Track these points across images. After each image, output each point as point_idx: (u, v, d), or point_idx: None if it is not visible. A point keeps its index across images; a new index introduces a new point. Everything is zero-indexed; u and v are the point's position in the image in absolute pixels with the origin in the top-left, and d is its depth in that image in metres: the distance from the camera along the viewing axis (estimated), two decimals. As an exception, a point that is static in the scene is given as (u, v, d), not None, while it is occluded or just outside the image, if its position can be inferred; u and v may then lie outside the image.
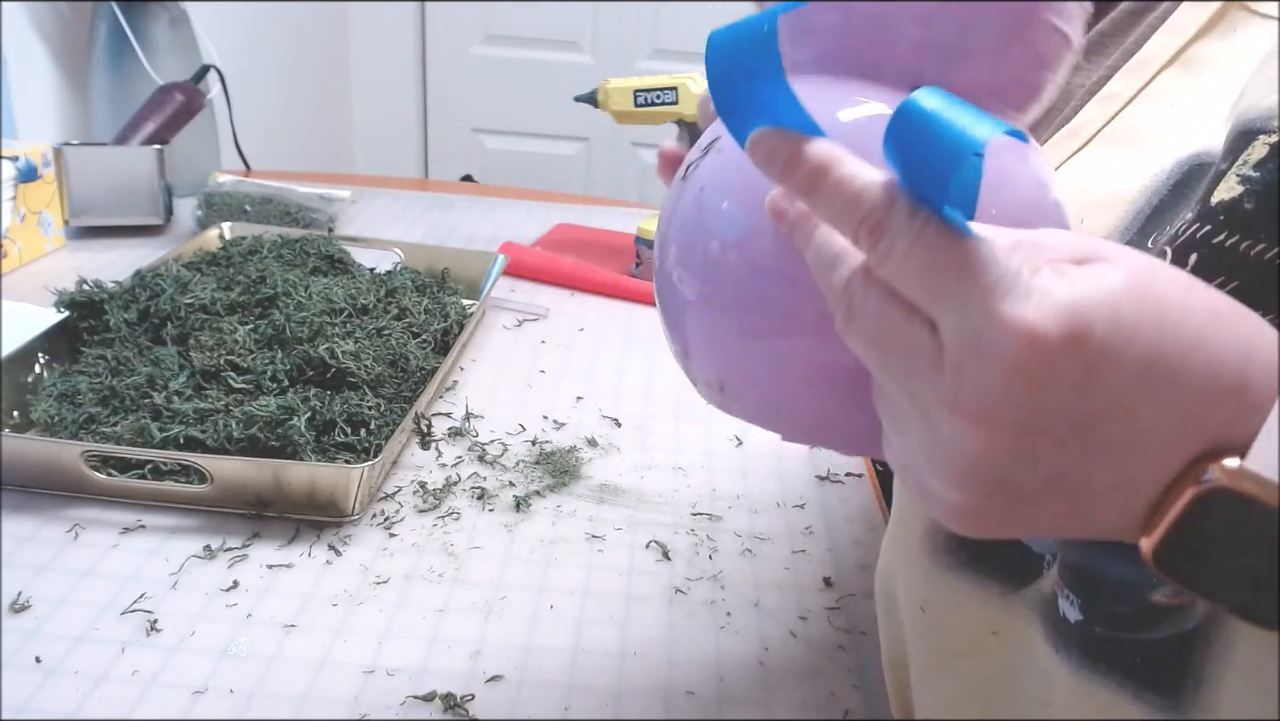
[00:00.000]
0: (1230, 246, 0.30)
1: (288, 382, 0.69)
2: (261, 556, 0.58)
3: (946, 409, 0.25)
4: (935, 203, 0.25)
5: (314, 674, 0.50)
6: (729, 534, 0.64)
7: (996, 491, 0.25)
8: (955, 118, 0.25)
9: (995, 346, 0.24)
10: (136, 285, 0.78)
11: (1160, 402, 0.24)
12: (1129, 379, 0.24)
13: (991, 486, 0.25)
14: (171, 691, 0.48)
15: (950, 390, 0.25)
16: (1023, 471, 0.25)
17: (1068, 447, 0.25)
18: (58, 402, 0.67)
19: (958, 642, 0.40)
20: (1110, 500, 0.26)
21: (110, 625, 0.52)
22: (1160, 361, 0.24)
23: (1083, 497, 0.26)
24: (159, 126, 1.11)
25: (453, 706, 0.49)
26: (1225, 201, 0.30)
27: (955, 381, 0.25)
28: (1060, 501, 0.26)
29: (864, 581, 0.61)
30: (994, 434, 0.25)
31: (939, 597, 0.41)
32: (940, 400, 0.25)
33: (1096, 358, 0.24)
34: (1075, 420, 0.24)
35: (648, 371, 0.86)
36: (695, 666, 0.53)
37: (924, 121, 0.26)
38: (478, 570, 0.59)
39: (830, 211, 0.28)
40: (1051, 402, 0.24)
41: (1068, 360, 0.24)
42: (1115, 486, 0.25)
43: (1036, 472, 0.25)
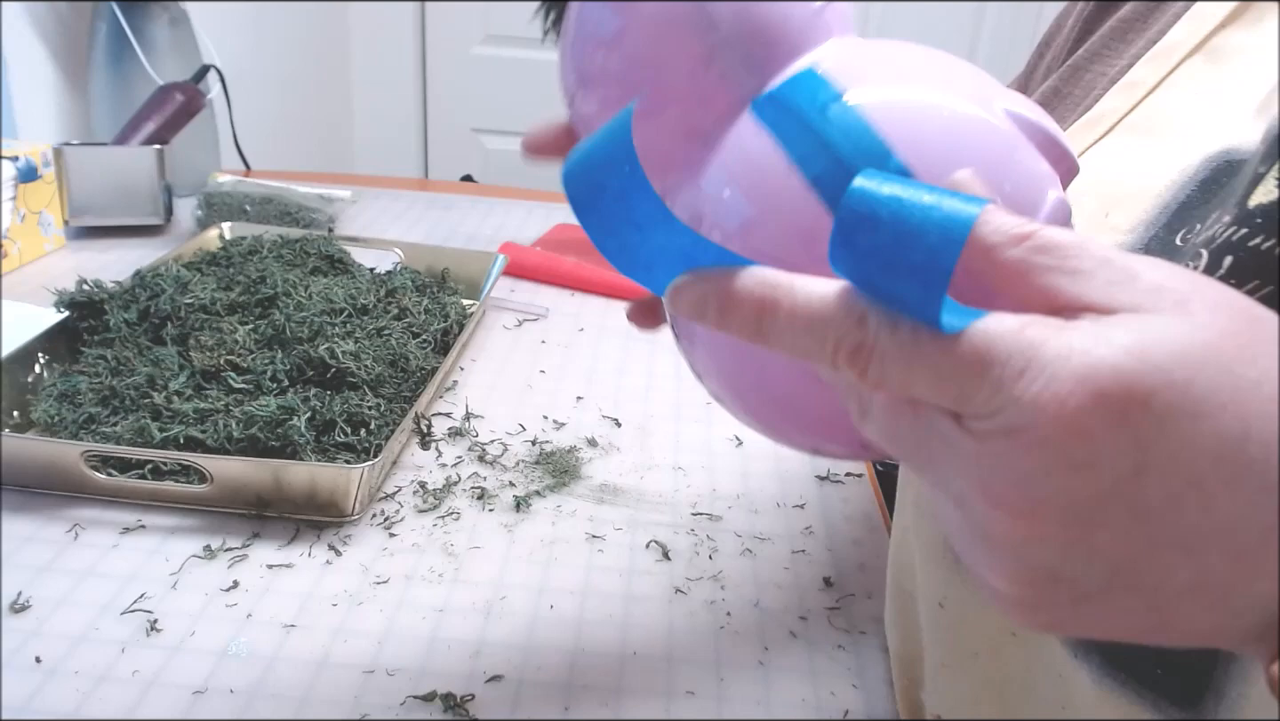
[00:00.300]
0: (1268, 250, 0.28)
1: (288, 382, 0.69)
2: (261, 556, 0.58)
3: (982, 499, 0.22)
4: (924, 308, 0.21)
5: (314, 674, 0.50)
6: (729, 534, 0.64)
7: (1049, 585, 0.22)
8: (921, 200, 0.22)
9: (1025, 431, 0.21)
10: (136, 285, 0.78)
11: (1249, 489, 0.20)
12: (1200, 460, 0.20)
13: (1045, 578, 0.22)
14: (171, 691, 0.48)
15: (984, 480, 0.22)
16: (1078, 565, 0.22)
17: (1128, 539, 0.21)
18: (58, 402, 0.67)
19: (976, 641, 0.40)
20: (1196, 602, 0.22)
21: (110, 625, 0.52)
22: (1246, 440, 0.20)
23: (1160, 597, 0.22)
24: (159, 126, 1.11)
25: (453, 706, 0.49)
26: (1264, 205, 0.29)
27: (989, 470, 0.22)
28: (1133, 599, 0.22)
29: (864, 581, 0.61)
30: (1036, 524, 0.21)
31: (960, 595, 0.40)
32: (975, 490, 0.22)
33: (1154, 431, 0.20)
34: (1134, 507, 0.21)
35: (648, 371, 0.86)
36: (695, 666, 0.53)
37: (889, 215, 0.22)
38: (478, 570, 0.59)
39: (793, 349, 0.24)
40: (1104, 487, 0.21)
41: (1113, 435, 0.20)
42: (1200, 586, 0.22)
43: (1095, 566, 0.22)
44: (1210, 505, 0.21)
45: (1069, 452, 0.20)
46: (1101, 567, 0.22)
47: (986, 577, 0.23)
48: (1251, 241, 0.29)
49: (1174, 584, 0.22)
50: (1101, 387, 0.20)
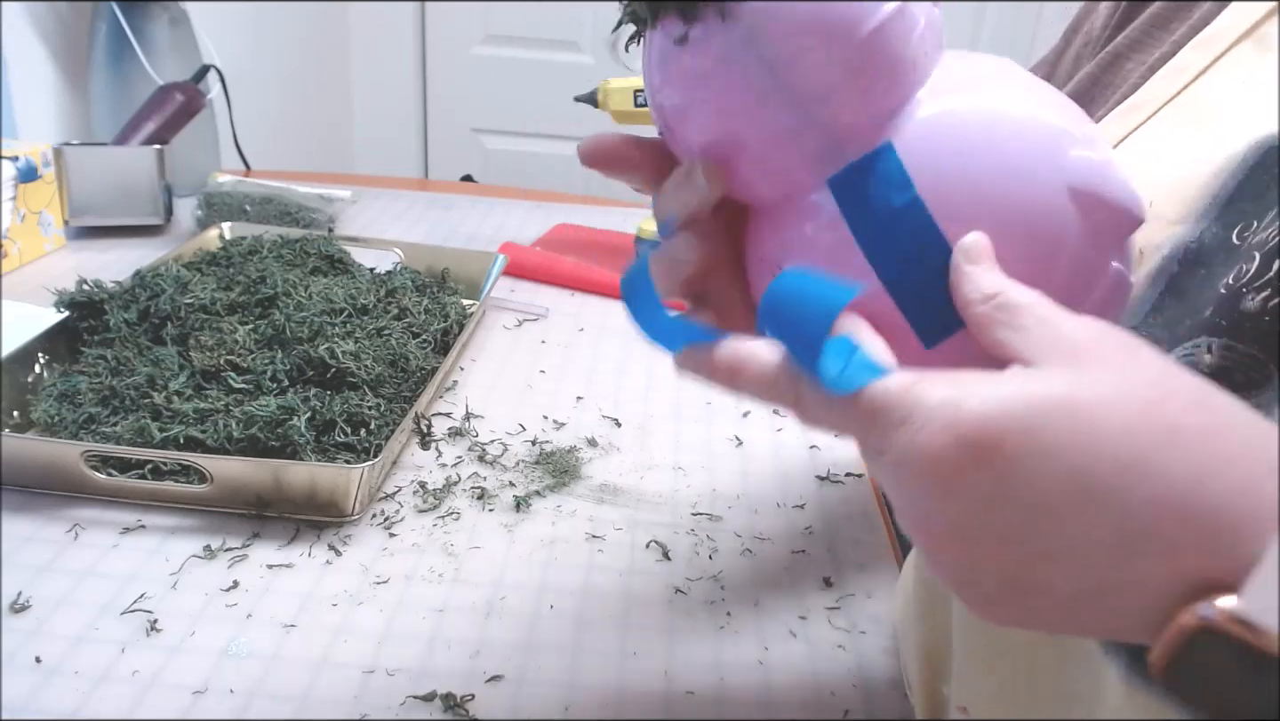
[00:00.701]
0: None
1: (288, 382, 0.69)
2: (261, 556, 0.58)
3: (897, 514, 0.28)
4: (811, 368, 0.28)
5: (314, 674, 0.50)
6: (729, 534, 0.64)
7: (970, 586, 0.27)
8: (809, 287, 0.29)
9: (911, 470, 0.26)
10: (136, 285, 0.78)
11: (1092, 517, 0.24)
12: (1048, 491, 0.24)
13: (961, 582, 0.27)
14: (171, 691, 0.48)
15: (894, 499, 0.28)
16: (976, 574, 0.27)
17: (1003, 553, 0.26)
18: (58, 402, 0.67)
19: (1012, 635, 0.40)
20: (1088, 606, 0.26)
21: (110, 625, 0.52)
22: (1087, 475, 0.24)
23: (1056, 601, 0.26)
24: (159, 126, 1.11)
25: (453, 706, 0.49)
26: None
27: (893, 492, 0.28)
28: (1037, 601, 0.26)
29: (864, 581, 0.61)
30: (928, 539, 0.27)
31: None
32: (894, 504, 0.28)
33: (1008, 469, 0.25)
34: (999, 528, 0.25)
35: (648, 371, 0.86)
36: (695, 666, 0.53)
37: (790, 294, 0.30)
38: (478, 570, 0.59)
39: (756, 396, 0.31)
40: (970, 510, 0.25)
41: (972, 471, 0.25)
42: (1082, 593, 0.26)
43: (989, 576, 0.26)
44: (1061, 528, 0.25)
45: (936, 484, 0.25)
46: (994, 577, 0.26)
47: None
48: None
49: (1060, 591, 0.26)
50: (962, 433, 0.25)
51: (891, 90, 0.32)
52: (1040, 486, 0.24)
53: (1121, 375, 0.26)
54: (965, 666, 0.43)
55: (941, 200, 0.31)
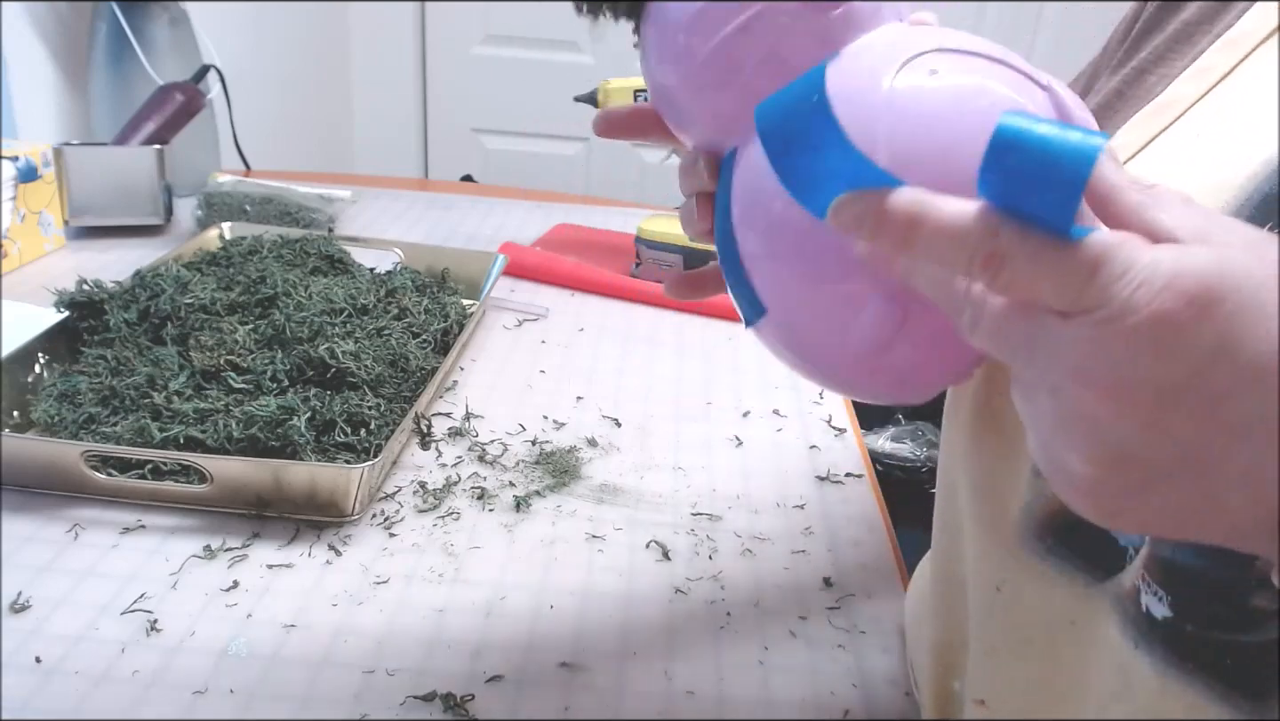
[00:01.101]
0: None
1: (288, 382, 0.69)
2: (261, 556, 0.58)
3: (1077, 382, 0.26)
4: (1059, 219, 0.26)
5: (314, 674, 0.50)
6: (729, 534, 0.64)
7: (1126, 464, 0.26)
8: (1055, 135, 0.26)
9: (1120, 321, 0.25)
10: (136, 285, 0.78)
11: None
12: (1260, 354, 0.24)
13: (1122, 457, 0.26)
14: (171, 691, 0.48)
15: (1081, 364, 0.25)
16: (1152, 446, 0.25)
17: (1197, 421, 0.25)
18: (58, 402, 0.67)
19: (1033, 627, 0.40)
20: (1245, 490, 0.25)
21: (110, 625, 0.52)
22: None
23: (1217, 482, 0.25)
24: (159, 126, 1.11)
25: (453, 706, 0.49)
26: None
27: (1087, 356, 0.25)
28: (1194, 484, 0.26)
29: (864, 581, 0.61)
30: (1121, 404, 0.25)
31: (1021, 580, 0.40)
32: (1070, 374, 0.26)
33: (1227, 326, 0.24)
34: (1205, 391, 0.24)
35: (648, 371, 0.86)
36: (695, 666, 0.53)
37: (1031, 146, 0.26)
38: (478, 570, 0.59)
39: (935, 256, 0.28)
40: (1182, 372, 0.24)
41: (1197, 329, 0.24)
42: (1251, 472, 0.25)
43: (1166, 448, 0.25)
44: (1265, 393, 0.24)
45: (1155, 340, 0.24)
46: (1171, 449, 0.25)
47: (1066, 461, 0.27)
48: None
49: (1232, 468, 0.25)
50: (1186, 288, 0.24)
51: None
52: (1258, 346, 0.24)
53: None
54: (985, 660, 0.42)
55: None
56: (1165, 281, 0.24)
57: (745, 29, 0.35)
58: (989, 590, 0.41)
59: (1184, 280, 0.24)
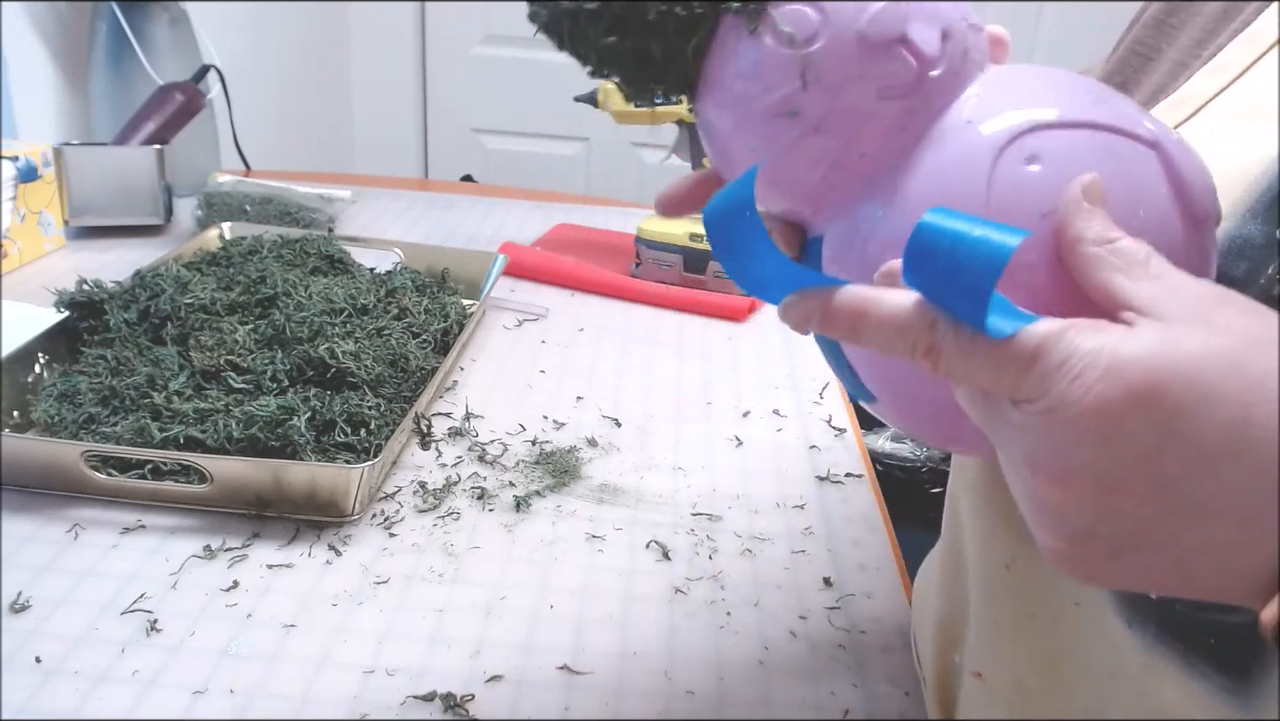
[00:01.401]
0: None
1: (288, 382, 0.69)
2: (261, 556, 0.58)
3: (1028, 466, 0.27)
4: (976, 318, 0.26)
5: (314, 674, 0.50)
6: (729, 534, 0.64)
7: (1086, 542, 0.27)
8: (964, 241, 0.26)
9: (1068, 416, 0.25)
10: (136, 285, 0.78)
11: (1248, 467, 0.24)
12: (1210, 440, 0.24)
13: (1079, 536, 0.27)
14: (171, 691, 0.48)
15: (1029, 451, 0.27)
16: (1107, 525, 0.26)
17: (1149, 504, 0.25)
18: (58, 402, 0.67)
19: (1037, 604, 0.40)
20: (1207, 561, 0.26)
21: (110, 625, 0.52)
22: (1247, 425, 0.24)
23: (1179, 555, 0.26)
24: (159, 126, 1.11)
25: (453, 706, 0.49)
26: None
27: (1034, 443, 0.26)
28: (1155, 557, 0.26)
29: (864, 581, 0.61)
30: (1069, 489, 0.26)
31: (1029, 559, 0.41)
32: (1023, 459, 0.27)
33: (1172, 415, 0.24)
34: (1154, 478, 0.25)
35: (648, 371, 0.86)
36: (695, 666, 0.53)
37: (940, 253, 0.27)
38: (478, 570, 0.59)
39: (881, 347, 0.29)
40: (1127, 460, 0.25)
41: (1139, 420, 0.25)
42: (1210, 547, 0.26)
43: (1121, 527, 0.26)
44: (1217, 476, 0.25)
45: (1097, 431, 0.25)
46: (1127, 528, 0.26)
47: (1038, 536, 0.28)
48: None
49: (1188, 544, 0.25)
50: (1127, 380, 0.24)
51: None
52: (1201, 436, 0.24)
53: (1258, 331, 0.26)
54: (987, 635, 0.44)
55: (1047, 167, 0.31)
56: (1103, 372, 0.25)
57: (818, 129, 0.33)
58: (998, 569, 0.42)
59: (1125, 371, 0.25)
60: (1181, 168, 0.32)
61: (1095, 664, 0.38)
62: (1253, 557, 0.25)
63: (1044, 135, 0.31)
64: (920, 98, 0.33)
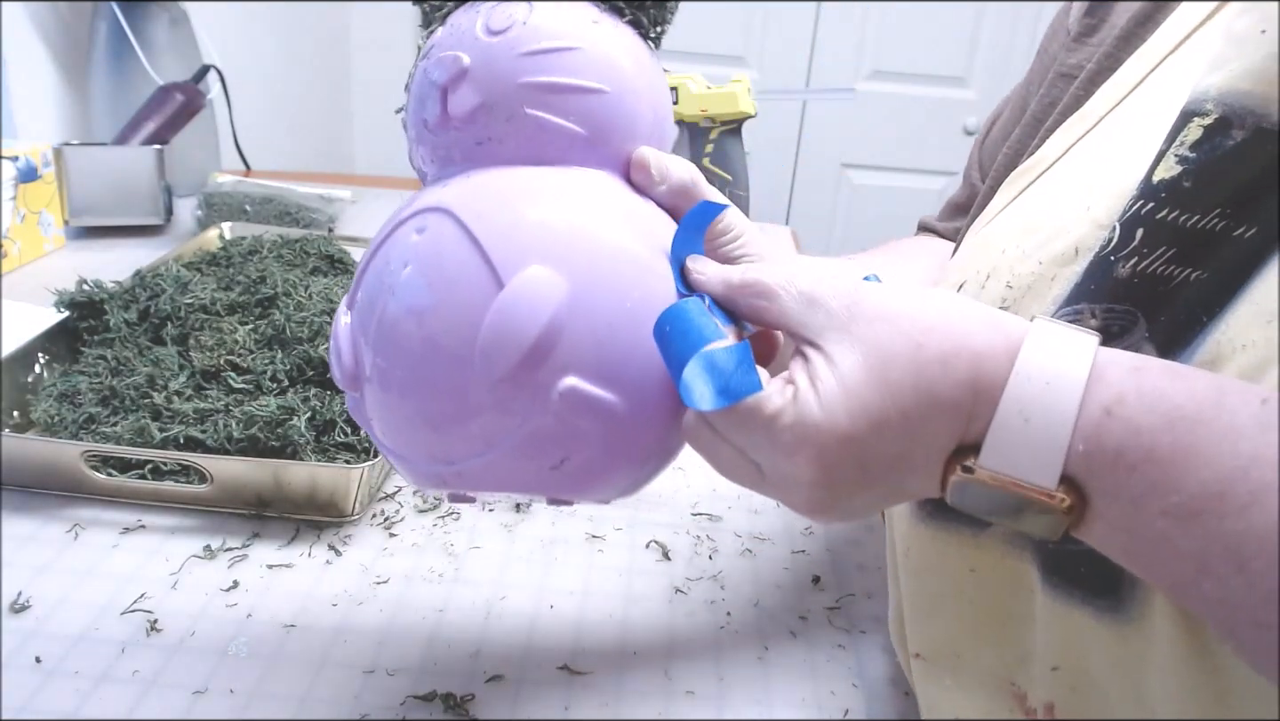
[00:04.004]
0: (1171, 220, 0.34)
1: (288, 383, 0.68)
2: (261, 556, 0.58)
3: (781, 499, 0.37)
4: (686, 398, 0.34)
5: (314, 674, 0.50)
6: (729, 534, 0.64)
7: (836, 518, 0.37)
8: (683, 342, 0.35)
9: (788, 481, 0.35)
10: (136, 285, 0.78)
11: (910, 446, 0.33)
12: (882, 451, 0.33)
13: (829, 508, 0.36)
14: (171, 691, 0.48)
15: (776, 492, 0.36)
16: (843, 513, 0.36)
17: (864, 494, 0.35)
18: (58, 402, 0.67)
19: (941, 582, 0.43)
20: (901, 488, 0.35)
21: (110, 625, 0.52)
22: (910, 420, 0.32)
23: (886, 494, 0.35)
24: (159, 126, 1.11)
25: (453, 706, 0.49)
26: (1166, 180, 0.34)
27: (776, 488, 0.36)
28: (877, 501, 0.36)
29: (864, 581, 0.61)
30: (814, 492, 0.34)
31: (919, 545, 0.44)
32: (774, 496, 0.37)
33: (863, 445, 0.33)
34: (862, 479, 0.34)
35: (648, 371, 0.86)
36: (695, 666, 0.53)
37: (662, 339, 0.36)
38: (478, 570, 0.59)
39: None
40: (841, 474, 0.34)
41: (841, 466, 0.33)
42: (901, 486, 0.35)
43: (853, 501, 0.35)
44: (891, 463, 0.34)
45: (823, 463, 0.33)
46: (858, 501, 0.35)
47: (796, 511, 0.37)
48: (1159, 215, 0.34)
49: (888, 489, 0.35)
50: (824, 447, 0.33)
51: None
52: (876, 449, 0.33)
53: (888, 340, 0.33)
54: (913, 616, 0.46)
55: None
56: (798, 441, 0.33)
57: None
58: (904, 557, 0.45)
59: (821, 440, 0.33)
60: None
61: (1017, 613, 0.41)
62: (928, 469, 0.33)
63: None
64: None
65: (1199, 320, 0.33)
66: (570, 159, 0.41)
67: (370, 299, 0.39)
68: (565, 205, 0.38)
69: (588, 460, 0.38)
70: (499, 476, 0.39)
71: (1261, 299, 0.32)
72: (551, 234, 0.37)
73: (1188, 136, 0.34)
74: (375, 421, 0.41)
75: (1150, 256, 0.34)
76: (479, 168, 0.41)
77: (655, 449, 0.40)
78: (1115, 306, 0.35)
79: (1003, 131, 0.58)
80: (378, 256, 0.40)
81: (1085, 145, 0.42)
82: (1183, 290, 0.34)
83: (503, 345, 0.35)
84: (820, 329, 0.34)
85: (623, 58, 0.41)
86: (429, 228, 0.39)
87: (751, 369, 0.34)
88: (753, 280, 0.37)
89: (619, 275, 0.37)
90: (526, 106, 0.40)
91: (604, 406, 0.37)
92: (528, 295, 0.36)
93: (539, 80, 0.40)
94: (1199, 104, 0.34)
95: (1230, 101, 0.33)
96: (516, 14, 0.40)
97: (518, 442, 0.37)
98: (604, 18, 0.42)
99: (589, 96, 0.40)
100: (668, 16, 0.44)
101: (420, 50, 0.44)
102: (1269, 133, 0.32)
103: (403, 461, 0.41)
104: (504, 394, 0.36)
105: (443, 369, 0.37)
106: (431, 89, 0.41)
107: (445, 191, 0.40)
